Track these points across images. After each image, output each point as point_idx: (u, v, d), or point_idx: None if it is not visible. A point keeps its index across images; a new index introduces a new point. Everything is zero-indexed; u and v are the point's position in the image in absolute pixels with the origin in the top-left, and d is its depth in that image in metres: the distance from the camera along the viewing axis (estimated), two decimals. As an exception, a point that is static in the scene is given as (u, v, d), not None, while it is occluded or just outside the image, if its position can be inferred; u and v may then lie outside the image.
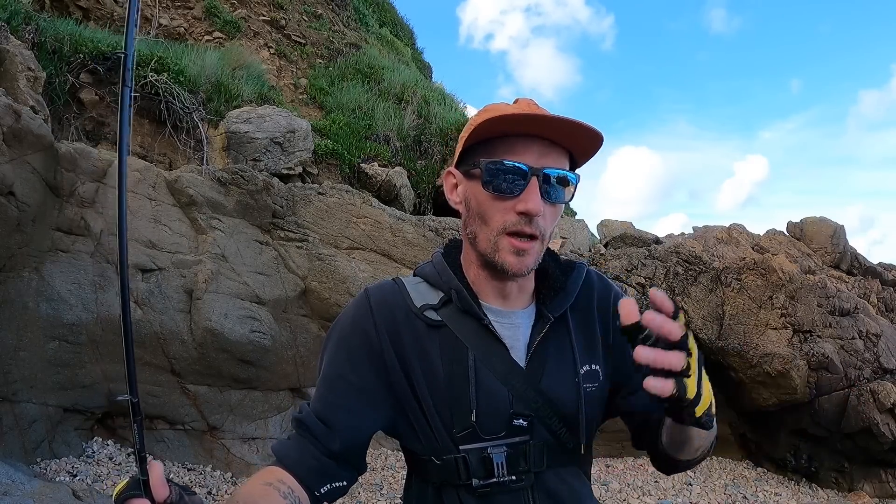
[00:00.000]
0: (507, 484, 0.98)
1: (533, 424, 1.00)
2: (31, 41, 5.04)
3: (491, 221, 0.98)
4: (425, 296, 1.05)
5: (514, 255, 0.97)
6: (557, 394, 1.02)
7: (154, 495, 0.75)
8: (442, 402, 0.99)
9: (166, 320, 4.37)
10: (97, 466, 3.95)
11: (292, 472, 0.96)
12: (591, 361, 1.07)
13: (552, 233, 1.02)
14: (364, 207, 5.66)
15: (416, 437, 1.03)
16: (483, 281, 1.05)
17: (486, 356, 1.01)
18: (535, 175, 0.96)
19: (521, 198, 0.96)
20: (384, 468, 4.92)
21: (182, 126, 5.71)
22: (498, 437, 0.99)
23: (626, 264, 6.62)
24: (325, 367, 1.04)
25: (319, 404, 1.01)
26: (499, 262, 0.98)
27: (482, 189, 0.98)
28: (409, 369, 1.01)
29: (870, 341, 6.37)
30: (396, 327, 1.02)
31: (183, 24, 7.62)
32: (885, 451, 5.86)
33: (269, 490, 0.91)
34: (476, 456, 0.98)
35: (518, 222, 0.96)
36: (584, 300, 1.10)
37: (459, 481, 0.99)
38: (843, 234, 8.85)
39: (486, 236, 0.99)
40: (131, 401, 0.81)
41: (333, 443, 0.98)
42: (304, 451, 0.98)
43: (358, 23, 10.38)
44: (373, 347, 1.01)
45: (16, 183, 3.77)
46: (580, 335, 1.08)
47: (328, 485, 0.98)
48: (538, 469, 1.00)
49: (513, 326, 1.04)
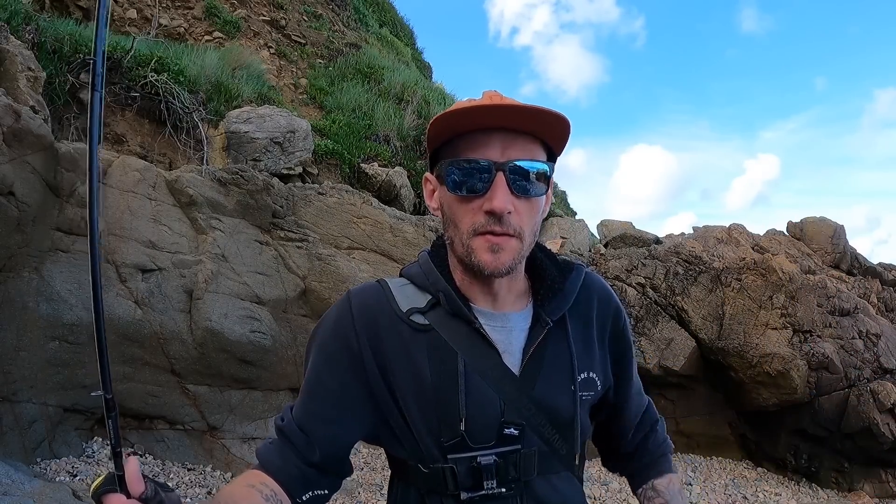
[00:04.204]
0: (497, 495, 0.95)
1: (524, 432, 0.96)
2: (31, 41, 5.04)
3: (461, 224, 0.93)
4: (412, 298, 1.01)
5: (489, 252, 0.91)
6: (552, 402, 0.98)
7: (129, 490, 0.74)
8: (429, 410, 0.95)
9: (166, 320, 4.37)
10: (97, 466, 3.95)
11: (275, 478, 0.95)
12: (588, 369, 1.03)
13: (535, 230, 0.97)
14: (364, 207, 5.66)
15: (400, 444, 0.99)
16: (469, 284, 1.00)
17: (476, 361, 0.96)
18: (500, 170, 0.90)
19: (487, 196, 0.90)
20: (384, 468, 4.92)
21: (182, 126, 5.72)
22: (487, 446, 0.95)
23: (626, 264, 6.62)
24: (307, 373, 1.02)
25: (300, 412, 0.99)
26: (475, 263, 0.92)
27: (447, 192, 0.94)
28: (389, 376, 0.97)
29: (870, 341, 6.37)
30: (378, 332, 0.98)
31: (183, 24, 7.62)
32: (885, 451, 5.86)
33: (251, 492, 0.91)
34: (464, 466, 0.94)
35: (487, 222, 0.90)
36: (584, 303, 1.06)
37: (447, 491, 0.95)
38: (843, 234, 8.85)
39: (459, 239, 0.94)
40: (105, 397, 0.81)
41: (313, 454, 0.96)
42: (286, 458, 0.96)
43: (358, 23, 10.38)
44: (353, 353, 0.98)
45: (16, 183, 3.77)
46: (579, 341, 1.03)
47: (310, 492, 0.97)
48: (528, 477, 0.97)
49: (506, 330, 1.00)
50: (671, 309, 6.35)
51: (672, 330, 6.23)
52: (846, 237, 8.89)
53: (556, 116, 0.90)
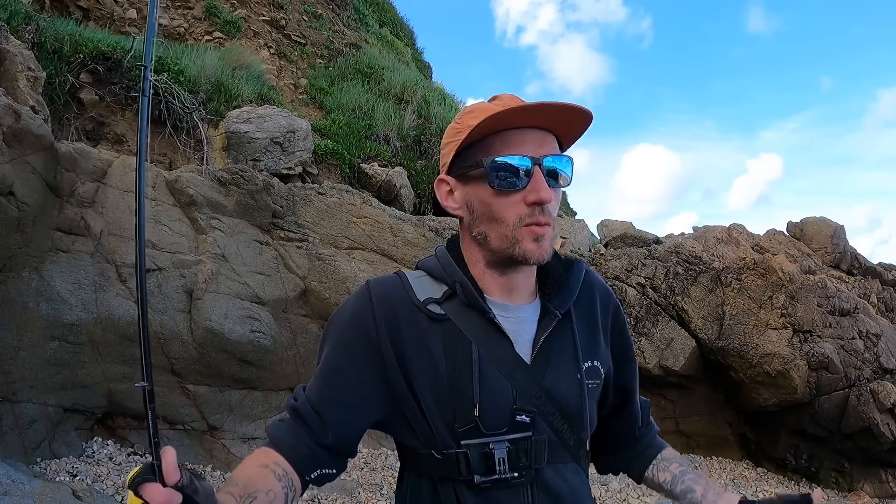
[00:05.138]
0: (508, 480, 0.98)
1: (535, 420, 1.00)
2: (31, 41, 5.04)
3: (505, 218, 0.99)
4: (428, 289, 1.05)
5: (533, 242, 0.98)
6: (560, 390, 1.02)
7: (166, 480, 0.76)
8: (443, 397, 0.99)
9: (166, 320, 4.37)
10: (97, 466, 3.95)
11: (286, 456, 0.98)
12: (593, 358, 1.08)
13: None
14: (364, 207, 5.66)
15: (413, 432, 1.03)
16: (489, 278, 1.05)
17: (490, 350, 1.00)
18: (538, 164, 0.97)
19: (529, 188, 0.97)
20: (384, 468, 4.91)
21: (182, 126, 5.72)
22: (500, 432, 0.99)
23: (626, 264, 6.62)
24: (324, 357, 1.05)
25: (315, 395, 1.02)
26: (519, 253, 0.98)
27: (488, 188, 0.99)
28: (406, 365, 1.01)
29: (870, 341, 6.37)
30: (397, 322, 1.02)
31: (183, 24, 7.62)
32: (885, 451, 5.86)
33: (265, 472, 0.94)
34: (477, 451, 0.98)
35: (532, 213, 0.97)
36: (586, 298, 1.12)
37: (459, 477, 0.99)
38: (843, 234, 8.86)
39: (502, 233, 0.99)
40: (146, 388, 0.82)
41: (326, 437, 1.00)
42: (299, 438, 1.00)
43: (358, 23, 10.39)
44: (371, 341, 1.01)
45: (16, 183, 3.77)
46: (583, 332, 1.09)
47: (319, 470, 1.01)
48: (539, 465, 1.01)
49: (517, 321, 1.04)
50: (671, 309, 6.35)
51: (672, 330, 6.23)
52: (846, 237, 8.90)
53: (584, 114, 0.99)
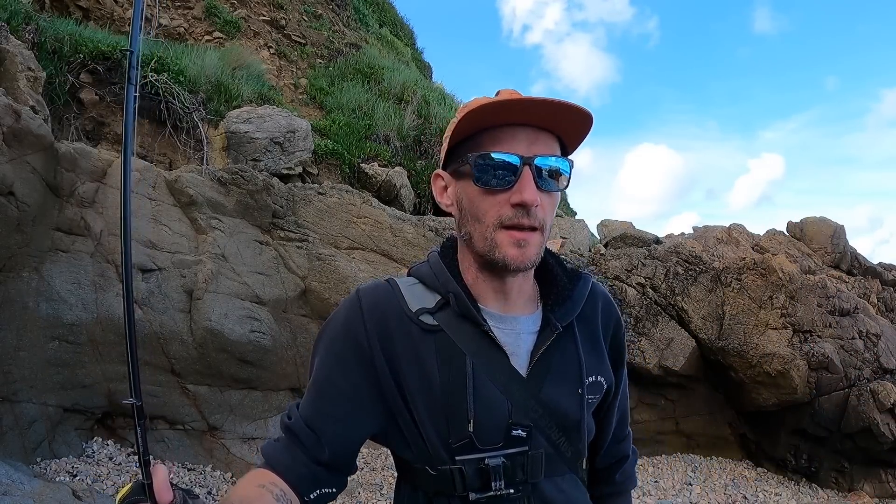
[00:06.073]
0: (504, 497, 0.95)
1: (532, 434, 0.97)
2: (31, 41, 5.04)
3: (485, 217, 0.94)
4: (421, 299, 1.01)
5: (514, 247, 0.92)
6: (559, 404, 0.99)
7: (157, 499, 0.73)
8: (437, 411, 0.95)
9: (166, 320, 4.37)
10: (97, 466, 3.95)
11: (283, 477, 0.94)
12: (596, 373, 1.05)
13: (551, 224, 0.99)
14: (364, 207, 5.66)
15: (408, 445, 1.00)
16: (482, 283, 1.00)
17: (485, 364, 0.96)
18: (527, 164, 0.92)
19: (514, 189, 0.91)
20: (384, 468, 4.91)
21: (182, 126, 5.71)
22: (495, 447, 0.95)
23: (626, 264, 6.61)
24: (315, 370, 1.01)
25: (309, 411, 0.99)
26: (499, 257, 0.93)
27: (473, 185, 0.94)
28: (399, 377, 0.97)
29: (870, 341, 6.37)
30: (389, 333, 0.98)
31: (183, 24, 7.62)
32: (885, 451, 5.86)
33: (263, 492, 0.90)
34: (472, 467, 0.95)
35: (515, 215, 0.92)
36: (590, 311, 1.08)
37: (454, 493, 0.96)
38: (843, 233, 8.86)
39: (482, 233, 0.94)
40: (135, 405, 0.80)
41: (322, 453, 0.96)
42: (295, 457, 0.96)
43: (358, 23, 10.39)
44: (363, 353, 0.98)
45: (16, 183, 3.77)
46: (587, 346, 1.05)
47: (318, 490, 0.97)
48: (535, 479, 0.98)
49: (514, 333, 1.00)
50: (671, 309, 6.34)
51: (672, 330, 6.23)
52: (846, 237, 8.89)
53: (581, 114, 0.93)
